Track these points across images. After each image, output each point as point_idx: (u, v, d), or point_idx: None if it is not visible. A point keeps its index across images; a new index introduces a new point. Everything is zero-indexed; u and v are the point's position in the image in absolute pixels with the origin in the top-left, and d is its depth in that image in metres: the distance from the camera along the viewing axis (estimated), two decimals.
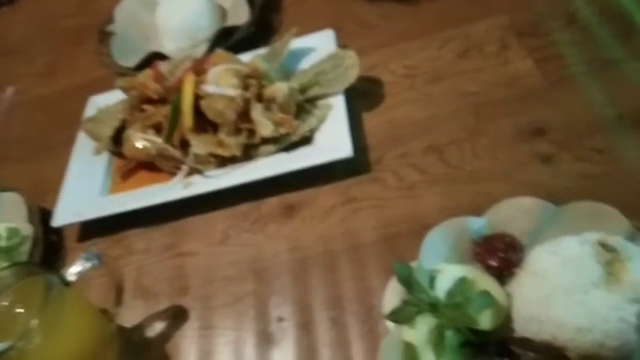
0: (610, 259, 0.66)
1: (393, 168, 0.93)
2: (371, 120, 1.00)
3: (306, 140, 0.96)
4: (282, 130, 0.94)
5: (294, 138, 0.95)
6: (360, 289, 0.82)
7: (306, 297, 0.84)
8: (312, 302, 0.83)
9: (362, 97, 1.02)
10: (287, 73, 1.04)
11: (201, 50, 1.18)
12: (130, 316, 0.89)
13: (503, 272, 0.72)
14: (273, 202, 0.95)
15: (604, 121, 0.88)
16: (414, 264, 0.74)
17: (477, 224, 0.77)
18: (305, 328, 0.81)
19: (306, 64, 1.04)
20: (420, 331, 0.69)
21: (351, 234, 0.88)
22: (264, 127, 0.93)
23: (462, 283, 0.71)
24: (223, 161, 0.97)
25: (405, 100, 1.01)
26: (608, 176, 0.82)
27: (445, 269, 0.74)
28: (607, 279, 0.65)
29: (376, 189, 0.92)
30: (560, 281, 0.65)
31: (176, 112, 0.98)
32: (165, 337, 0.86)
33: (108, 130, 1.05)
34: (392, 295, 0.74)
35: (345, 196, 0.92)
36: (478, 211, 0.78)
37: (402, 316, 0.71)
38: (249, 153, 0.98)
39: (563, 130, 0.88)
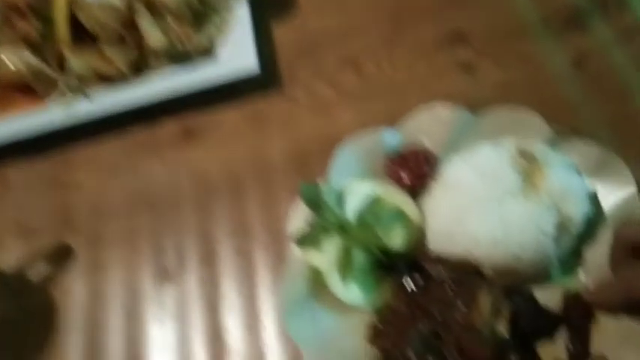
0: (528, 166, 0.61)
1: (305, 83, 0.84)
2: (280, 30, 0.89)
3: (206, 54, 0.84)
4: (176, 41, 0.82)
5: (191, 50, 0.83)
6: (268, 216, 0.74)
7: (209, 228, 0.76)
8: (215, 233, 0.75)
9: (270, 4, 0.91)
10: None
11: None
12: (8, 258, 0.77)
13: (417, 187, 0.66)
14: (170, 126, 0.84)
15: (526, 25, 0.81)
16: (322, 184, 0.67)
17: (391, 137, 0.70)
18: (207, 260, 0.73)
19: None
20: (327, 255, 0.63)
21: (259, 157, 0.80)
22: (154, 37, 0.81)
23: (373, 201, 0.65)
24: (110, 81, 0.84)
25: (317, 6, 0.90)
26: (530, 82, 0.77)
27: (355, 187, 0.67)
28: (524, 188, 0.60)
29: (286, 107, 0.83)
30: (474, 192, 0.60)
31: (49, 25, 0.83)
32: (49, 280, 0.75)
33: None
34: (298, 218, 0.67)
35: (251, 116, 0.83)
36: (395, 126, 0.71)
37: (307, 239, 0.64)
38: (139, 70, 0.85)
39: (484, 36, 0.81)
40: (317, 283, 0.63)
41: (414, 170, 0.66)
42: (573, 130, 0.68)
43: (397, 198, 0.66)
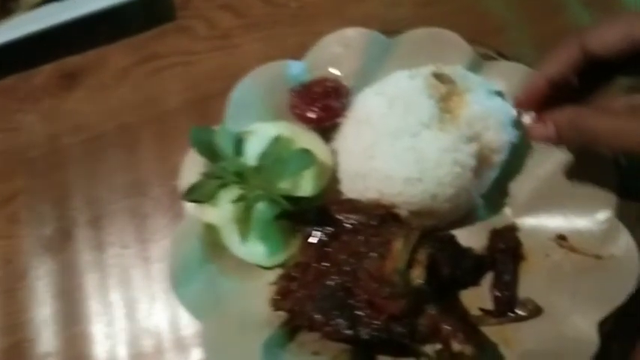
0: (445, 92, 0.53)
1: (203, 12, 0.73)
2: None
3: None
4: None
5: None
6: (164, 170, 0.65)
7: (97, 186, 0.66)
8: (103, 192, 0.65)
9: None
10: None
11: None
12: None
13: (326, 124, 0.58)
14: (47, 71, 0.73)
15: None
16: (217, 127, 0.58)
17: (296, 69, 0.61)
18: (96, 224, 0.64)
19: None
20: (224, 209, 0.54)
21: (152, 102, 0.69)
22: None
23: (276, 143, 0.56)
24: None
25: None
26: (453, 1, 0.68)
27: (256, 129, 0.58)
28: (441, 117, 0.52)
29: (183, 41, 0.72)
30: (385, 125, 0.52)
31: None
32: None
33: None
34: (191, 170, 0.57)
35: (142, 54, 0.72)
36: (301, 57, 0.62)
37: (200, 192, 0.55)
38: (6, 7, 0.72)
39: None
40: (214, 243, 0.54)
41: (321, 105, 0.58)
42: (498, 52, 0.61)
43: (304, 138, 0.57)
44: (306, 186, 0.55)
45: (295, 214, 0.54)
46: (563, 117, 0.44)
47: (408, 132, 0.51)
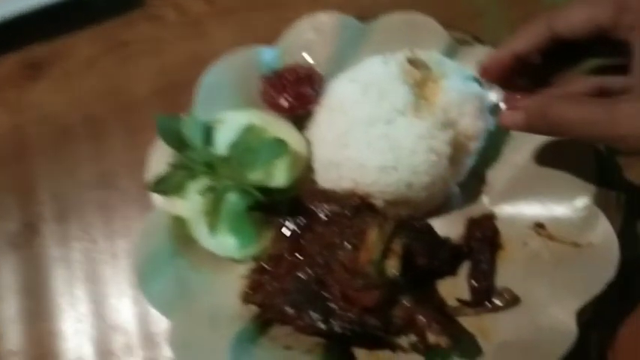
0: (420, 78, 0.52)
1: None
2: None
3: None
4: None
5: None
6: (133, 161, 0.62)
7: (63, 179, 0.64)
8: (70, 185, 0.63)
9: None
10: None
11: None
12: None
13: (298, 111, 0.56)
14: (11, 61, 0.70)
15: None
16: (185, 116, 0.56)
17: (267, 55, 0.59)
18: (62, 218, 0.62)
19: None
20: (192, 201, 0.52)
21: (120, 91, 0.67)
22: None
23: (247, 132, 0.54)
24: None
25: None
26: None
27: (227, 118, 0.56)
28: (416, 103, 0.51)
29: (152, 29, 0.70)
30: (359, 113, 0.50)
31: None
32: None
33: None
34: (159, 160, 0.55)
35: (110, 43, 0.70)
36: (273, 43, 0.60)
37: (168, 184, 0.53)
38: None
39: None
40: (183, 236, 0.52)
41: (293, 92, 0.56)
42: (474, 36, 0.59)
43: (277, 127, 0.55)
44: (279, 176, 0.53)
45: (268, 205, 0.52)
46: (532, 105, 0.43)
47: (382, 119, 0.49)
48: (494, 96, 0.51)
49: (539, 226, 0.50)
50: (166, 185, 0.53)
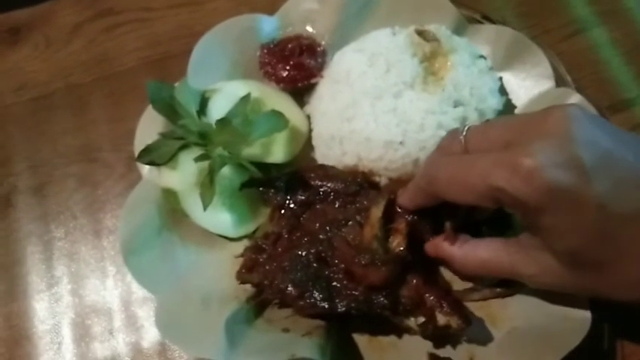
0: (429, 51, 0.49)
1: None
2: None
3: None
4: None
5: None
6: (117, 134, 0.59)
7: (42, 150, 0.60)
8: (49, 157, 0.59)
9: None
10: None
11: None
12: None
13: (298, 84, 0.53)
14: None
15: None
16: (179, 83, 0.52)
17: (267, 25, 0.56)
18: (39, 191, 0.57)
19: None
20: (185, 173, 0.49)
21: (105, 60, 0.64)
22: None
23: (245, 102, 0.51)
24: None
25: None
26: None
27: (223, 87, 0.52)
28: (425, 77, 0.48)
29: None
30: (365, 84, 0.48)
31: None
32: None
33: None
34: (148, 130, 0.52)
35: (95, 9, 0.66)
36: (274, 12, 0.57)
37: (158, 154, 0.49)
38: None
39: None
40: (173, 210, 0.49)
41: (294, 63, 0.53)
42: (483, 15, 0.57)
43: (275, 99, 0.52)
44: (277, 152, 0.50)
45: (265, 182, 0.49)
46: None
47: (390, 92, 0.47)
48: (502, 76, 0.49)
49: None
50: (156, 155, 0.49)
